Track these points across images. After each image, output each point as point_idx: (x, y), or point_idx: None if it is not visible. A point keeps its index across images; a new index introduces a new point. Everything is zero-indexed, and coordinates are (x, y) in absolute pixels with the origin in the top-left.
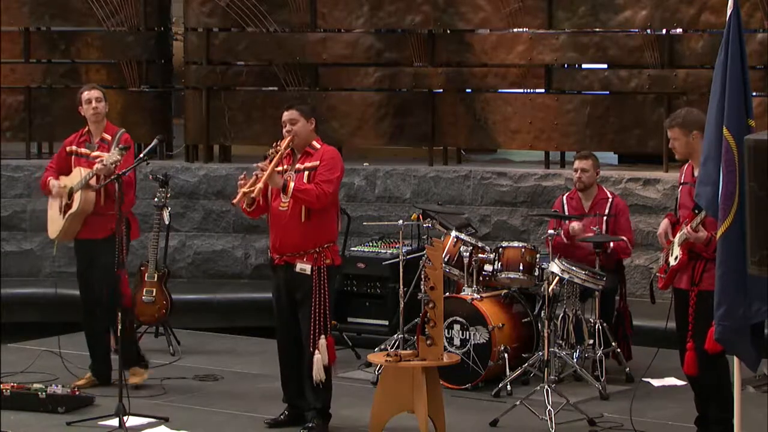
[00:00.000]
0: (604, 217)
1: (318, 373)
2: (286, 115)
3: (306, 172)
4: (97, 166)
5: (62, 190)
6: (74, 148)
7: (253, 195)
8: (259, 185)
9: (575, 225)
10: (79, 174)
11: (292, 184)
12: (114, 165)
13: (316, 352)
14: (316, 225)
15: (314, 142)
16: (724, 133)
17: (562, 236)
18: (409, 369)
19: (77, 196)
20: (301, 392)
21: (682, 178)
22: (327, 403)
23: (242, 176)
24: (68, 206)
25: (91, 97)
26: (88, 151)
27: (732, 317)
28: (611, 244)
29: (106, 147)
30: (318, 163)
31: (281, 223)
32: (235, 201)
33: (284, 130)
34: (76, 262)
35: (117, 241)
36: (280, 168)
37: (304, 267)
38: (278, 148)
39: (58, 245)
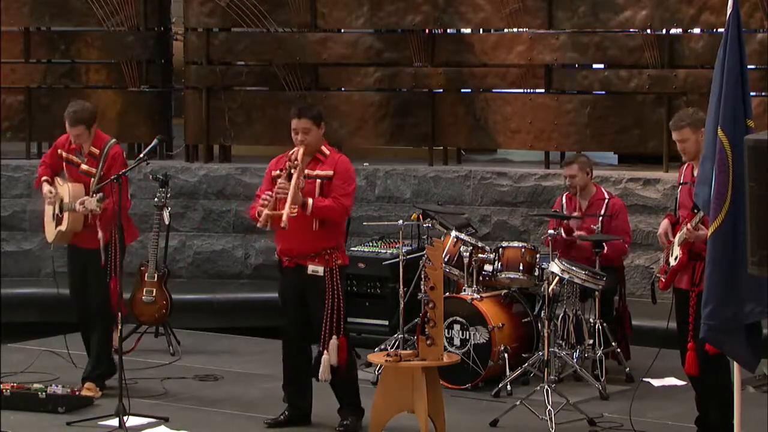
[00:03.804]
0: (600, 217)
1: (324, 372)
2: (298, 123)
3: (318, 181)
4: (78, 207)
5: (54, 198)
6: (65, 154)
7: (282, 225)
8: (286, 211)
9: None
10: (68, 192)
11: (310, 201)
12: (91, 211)
13: (325, 352)
14: (327, 229)
15: (323, 147)
16: (719, 133)
17: (562, 233)
18: (409, 369)
19: (66, 216)
20: (303, 393)
21: (682, 177)
22: (357, 399)
23: (264, 195)
24: (59, 219)
25: (71, 133)
26: (78, 161)
27: (718, 317)
28: (605, 248)
29: (95, 162)
30: (331, 173)
31: (292, 230)
32: (260, 225)
33: (297, 138)
34: (67, 266)
35: (107, 249)
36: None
37: (316, 269)
38: (296, 162)
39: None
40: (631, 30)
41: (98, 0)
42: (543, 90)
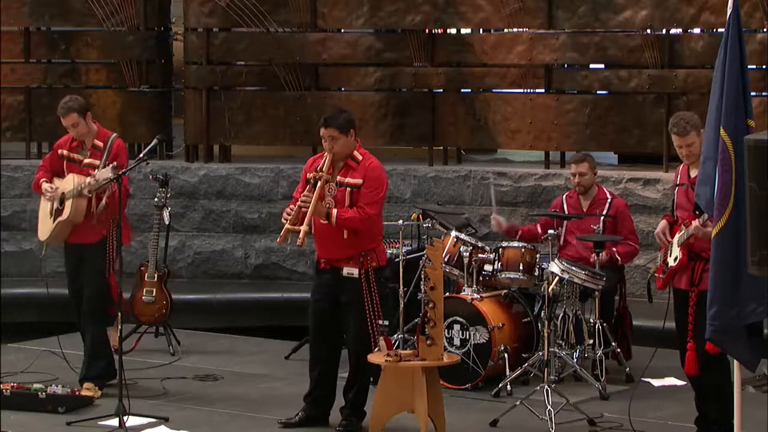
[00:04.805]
0: (602, 218)
1: None
2: (324, 132)
3: (348, 189)
4: (89, 180)
5: (55, 193)
6: (66, 152)
7: (298, 243)
8: (304, 228)
9: (500, 219)
10: (72, 181)
11: (335, 212)
12: (106, 182)
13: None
14: (361, 234)
15: (355, 153)
16: (721, 133)
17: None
18: (409, 369)
19: (68, 204)
20: (328, 396)
21: (678, 179)
22: (364, 400)
23: (288, 209)
24: (59, 211)
25: (67, 124)
26: (80, 158)
27: (723, 317)
28: (616, 253)
29: (99, 154)
30: (361, 181)
31: (325, 235)
32: (280, 241)
33: (325, 145)
34: (65, 265)
35: (104, 245)
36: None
37: (351, 271)
38: (321, 173)
39: (47, 247)
40: (631, 30)
41: (98, 0)
42: (543, 90)
